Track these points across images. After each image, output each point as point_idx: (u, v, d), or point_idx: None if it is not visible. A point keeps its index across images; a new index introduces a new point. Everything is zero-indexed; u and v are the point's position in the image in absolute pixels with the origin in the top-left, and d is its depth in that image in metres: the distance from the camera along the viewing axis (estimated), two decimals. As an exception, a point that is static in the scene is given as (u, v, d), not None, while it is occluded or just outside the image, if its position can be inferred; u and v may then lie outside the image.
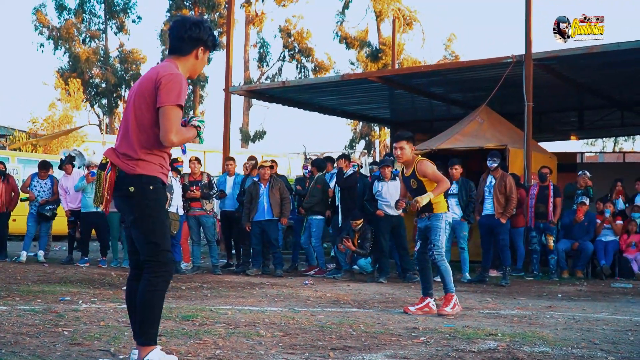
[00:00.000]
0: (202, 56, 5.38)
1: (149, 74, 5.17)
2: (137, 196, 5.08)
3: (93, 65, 51.55)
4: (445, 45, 52.94)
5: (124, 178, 5.09)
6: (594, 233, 15.47)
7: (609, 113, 24.16)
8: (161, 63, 5.34)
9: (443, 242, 9.22)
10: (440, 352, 6.21)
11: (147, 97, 5.05)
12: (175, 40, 5.32)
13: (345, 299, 10.61)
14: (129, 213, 5.18)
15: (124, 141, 5.14)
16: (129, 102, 5.25)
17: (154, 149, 5.12)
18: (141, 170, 5.08)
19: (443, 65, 27.16)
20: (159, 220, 5.15)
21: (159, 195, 5.19)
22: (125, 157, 5.09)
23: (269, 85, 30.43)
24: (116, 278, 12.74)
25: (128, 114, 5.17)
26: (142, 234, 5.13)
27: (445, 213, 9.27)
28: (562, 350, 6.43)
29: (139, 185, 5.07)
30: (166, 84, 4.99)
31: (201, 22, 5.32)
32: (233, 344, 6.32)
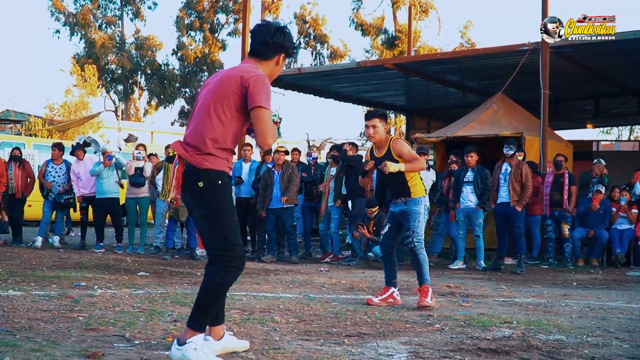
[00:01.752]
0: (281, 63, 5.44)
1: (231, 73, 5.17)
2: (207, 191, 5.08)
3: (109, 51, 51.64)
4: (462, 32, 52.72)
5: (192, 172, 5.09)
6: (610, 221, 15.44)
7: (625, 101, 24.05)
8: (242, 63, 5.36)
9: (422, 228, 8.55)
10: (455, 340, 6.22)
11: (231, 96, 5.06)
12: (259, 44, 5.33)
13: (360, 286, 10.62)
14: (197, 208, 5.19)
15: (194, 134, 5.14)
16: (203, 97, 5.24)
17: (227, 145, 5.14)
18: (209, 165, 5.07)
19: (459, 53, 27.05)
20: (228, 214, 5.14)
21: (226, 189, 5.18)
22: (195, 150, 5.10)
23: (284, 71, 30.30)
24: (131, 264, 12.78)
25: (201, 109, 5.18)
26: (212, 229, 5.12)
27: (424, 197, 8.58)
28: (577, 339, 6.42)
29: (207, 180, 5.07)
30: (255, 85, 5.01)
31: (284, 29, 5.35)
32: (248, 330, 6.34)
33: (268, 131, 4.99)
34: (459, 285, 11.02)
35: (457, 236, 14.64)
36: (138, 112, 54.50)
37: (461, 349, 5.83)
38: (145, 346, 5.54)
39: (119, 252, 15.12)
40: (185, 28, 53.25)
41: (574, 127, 30.34)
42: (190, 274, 11.53)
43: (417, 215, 8.46)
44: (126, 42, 53.96)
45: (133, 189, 15.65)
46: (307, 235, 16.31)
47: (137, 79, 53.68)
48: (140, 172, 15.51)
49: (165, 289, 9.30)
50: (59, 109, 37.26)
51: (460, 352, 5.72)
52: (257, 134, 5.02)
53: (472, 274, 13.33)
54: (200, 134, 5.09)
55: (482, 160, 15.28)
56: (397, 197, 8.63)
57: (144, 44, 52.97)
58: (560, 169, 15.09)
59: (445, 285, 10.89)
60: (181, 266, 12.91)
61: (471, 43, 51.22)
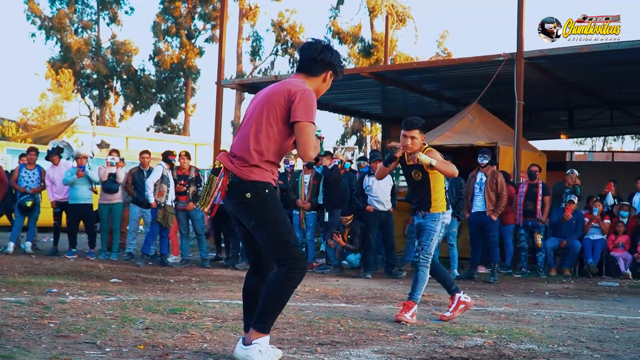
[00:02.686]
0: (329, 80, 5.54)
1: (279, 88, 5.28)
2: (256, 202, 5.21)
3: (84, 56, 51.36)
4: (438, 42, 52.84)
5: (238, 184, 5.22)
6: (582, 231, 15.53)
7: (598, 112, 24.21)
8: (290, 78, 5.45)
9: (433, 247, 8.25)
10: (427, 348, 6.23)
11: (279, 110, 5.18)
12: (307, 60, 5.46)
13: (333, 294, 10.62)
14: (247, 219, 5.30)
15: (241, 147, 5.26)
16: (253, 110, 5.36)
17: (272, 158, 5.27)
18: (255, 177, 5.20)
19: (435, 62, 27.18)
20: (281, 219, 5.27)
21: (274, 196, 5.30)
22: (241, 162, 5.23)
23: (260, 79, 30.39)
24: (104, 270, 12.72)
25: (249, 121, 5.31)
26: (269, 237, 5.24)
27: (443, 213, 8.27)
28: (548, 348, 6.46)
29: (255, 190, 5.19)
30: (301, 99, 5.13)
31: (332, 47, 5.49)
32: (220, 338, 6.33)
33: (310, 144, 5.11)
34: (432, 294, 11.03)
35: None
36: (113, 118, 54.23)
37: (433, 358, 5.84)
38: (117, 353, 5.52)
39: (91, 259, 15.04)
40: (162, 33, 53.05)
41: (548, 137, 30.54)
42: (163, 281, 11.50)
43: (432, 233, 8.21)
44: (102, 46, 53.69)
45: (106, 195, 15.58)
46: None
47: (113, 84, 53.41)
48: (114, 178, 15.44)
49: (137, 296, 9.27)
50: (33, 113, 37.04)
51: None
52: (299, 146, 5.13)
53: (445, 282, 13.34)
54: (247, 146, 5.23)
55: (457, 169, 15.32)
56: (418, 209, 8.42)
57: (120, 49, 52.72)
58: (534, 179, 15.17)
59: (419, 294, 10.90)
60: (154, 273, 12.87)
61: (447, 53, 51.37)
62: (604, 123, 25.87)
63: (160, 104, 55.36)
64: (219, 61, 21.58)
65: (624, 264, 15.27)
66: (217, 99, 21.30)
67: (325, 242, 15.02)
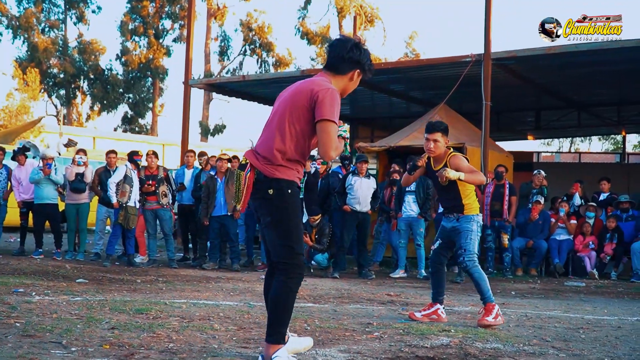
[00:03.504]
0: (356, 79, 5.49)
1: (303, 87, 5.26)
2: (276, 199, 5.22)
3: (51, 55, 51.04)
4: (407, 43, 53.13)
5: (263, 181, 5.23)
6: (549, 232, 15.64)
7: (566, 114, 24.40)
8: (316, 76, 5.41)
9: (475, 246, 8.10)
10: (393, 348, 6.24)
11: (301, 109, 5.17)
12: (335, 58, 5.41)
13: (300, 294, 10.58)
14: (265, 215, 5.31)
15: (267, 146, 5.27)
16: (277, 108, 5.36)
17: (296, 157, 5.27)
18: (280, 175, 5.21)
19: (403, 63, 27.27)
20: (294, 223, 5.28)
21: (295, 198, 5.30)
22: (266, 161, 5.24)
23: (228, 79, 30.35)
24: (70, 270, 12.63)
25: (274, 121, 5.31)
26: (278, 237, 5.26)
27: (477, 215, 8.17)
28: (513, 347, 6.49)
29: (277, 188, 5.21)
30: (324, 98, 5.10)
31: (361, 45, 5.46)
32: (187, 338, 6.31)
33: (331, 143, 5.08)
34: (399, 293, 11.08)
35: (398, 245, 14.72)
36: (80, 117, 53.93)
37: (399, 357, 5.85)
38: (83, 353, 5.49)
39: (58, 259, 14.93)
40: (129, 33, 52.84)
41: (515, 138, 30.77)
42: (130, 281, 11.44)
43: (470, 233, 8.07)
44: (69, 46, 53.38)
45: (73, 195, 15.46)
46: (250, 243, 16.27)
47: (80, 83, 53.11)
48: (81, 178, 15.34)
49: (103, 296, 9.22)
50: (0, 112, 36.78)
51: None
52: (320, 145, 5.12)
53: (412, 282, 13.41)
54: (270, 145, 5.24)
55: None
56: (449, 212, 8.26)
57: (87, 49, 52.43)
58: (501, 180, 15.25)
59: (386, 294, 10.94)
60: (121, 273, 12.80)
61: (416, 53, 51.63)
62: (571, 124, 26.10)
63: (128, 103, 55.14)
64: (187, 61, 21.54)
65: (590, 264, 15.38)
66: (184, 98, 21.24)
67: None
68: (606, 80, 20.20)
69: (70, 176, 15.37)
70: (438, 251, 8.40)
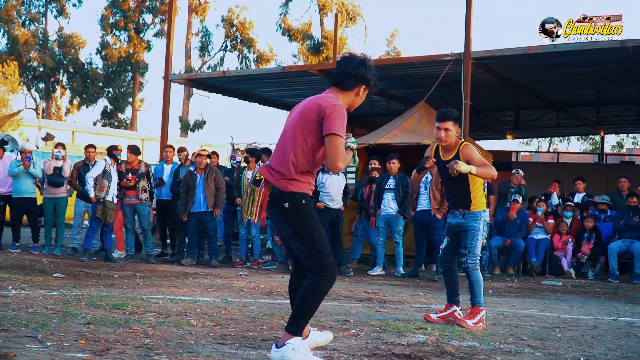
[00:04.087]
0: (362, 94, 5.80)
1: (312, 104, 5.59)
2: (293, 211, 5.51)
3: (31, 48, 50.71)
4: (388, 41, 53.08)
5: (277, 195, 5.53)
6: (526, 231, 15.69)
7: (545, 113, 24.51)
8: (323, 94, 5.71)
9: (479, 247, 7.98)
10: (370, 345, 6.26)
11: (311, 124, 5.49)
12: (342, 75, 5.72)
13: (278, 290, 10.61)
14: (285, 226, 5.62)
15: (280, 161, 5.59)
16: (289, 125, 5.69)
17: (307, 169, 5.58)
18: (293, 188, 5.52)
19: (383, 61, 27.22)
20: (316, 229, 5.56)
21: (310, 207, 5.61)
22: (280, 175, 5.54)
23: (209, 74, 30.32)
24: (47, 265, 12.58)
25: (287, 137, 5.63)
26: (304, 245, 5.56)
27: (484, 212, 8.01)
28: (489, 345, 6.52)
29: (292, 200, 5.51)
30: (330, 114, 5.41)
31: (367, 62, 5.74)
32: (163, 333, 6.30)
33: (338, 156, 5.37)
34: (377, 291, 11.10)
35: (376, 242, 14.73)
36: (60, 111, 53.59)
37: (375, 354, 5.87)
38: (58, 348, 5.49)
39: (35, 253, 14.85)
40: (109, 27, 52.56)
41: (495, 137, 30.85)
42: (107, 276, 11.41)
43: (475, 233, 7.92)
44: (49, 39, 53.06)
45: (51, 189, 15.38)
46: (228, 239, 16.24)
47: (59, 77, 52.80)
48: (59, 172, 15.25)
49: (80, 291, 9.19)
50: (-22, 105, 36.53)
51: (374, 358, 5.76)
52: (328, 158, 5.43)
53: (390, 280, 13.42)
54: (284, 160, 5.56)
55: (404, 168, 15.41)
56: (455, 207, 8.05)
57: (67, 42, 52.10)
58: (480, 179, 15.26)
59: (364, 291, 10.95)
60: (98, 268, 12.77)
61: (397, 52, 51.60)
62: (550, 124, 26.23)
63: (108, 98, 54.86)
64: (167, 56, 21.46)
65: (567, 263, 15.45)
66: (164, 93, 21.16)
67: (271, 239, 14.99)
68: (585, 81, 20.32)
69: (49, 170, 15.29)
70: (447, 250, 8.22)
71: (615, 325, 8.51)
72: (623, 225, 15.28)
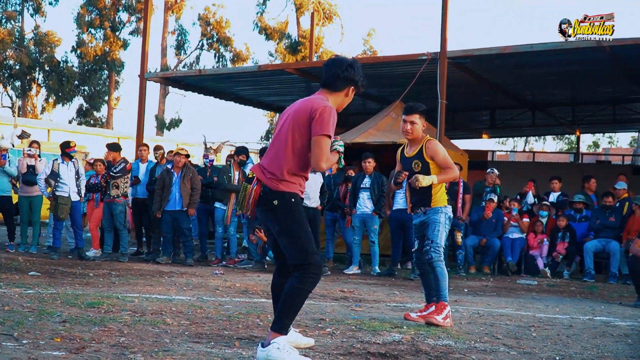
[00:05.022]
0: (351, 94, 6.06)
1: (304, 105, 5.76)
2: (281, 209, 5.69)
3: (7, 46, 50.38)
4: (365, 40, 53.17)
5: (268, 193, 5.69)
6: (502, 230, 15.76)
7: (520, 113, 24.65)
8: (314, 95, 5.91)
9: (443, 239, 7.89)
10: (346, 344, 6.27)
11: (302, 126, 5.67)
12: (331, 77, 5.93)
13: (254, 289, 10.61)
14: (273, 224, 5.80)
15: (273, 162, 5.75)
16: (282, 126, 5.85)
17: (298, 172, 5.75)
18: (284, 188, 5.68)
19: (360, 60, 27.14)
20: (302, 227, 5.73)
21: (299, 206, 5.78)
22: (272, 175, 5.70)
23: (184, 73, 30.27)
24: (23, 263, 12.52)
25: (280, 138, 5.79)
26: (290, 242, 5.72)
27: (445, 207, 7.99)
28: (465, 344, 6.55)
29: (282, 199, 5.68)
30: (321, 115, 5.61)
31: (355, 64, 6.01)
32: (138, 332, 6.29)
33: (322, 156, 5.58)
34: (353, 290, 11.12)
35: (352, 241, 14.75)
36: (35, 109, 53.28)
37: (350, 353, 5.89)
38: (34, 346, 5.48)
39: (10, 251, 14.78)
40: (85, 25, 52.27)
41: (471, 137, 30.97)
42: (82, 275, 11.37)
43: (437, 225, 7.88)
44: (25, 37, 52.72)
45: (26, 187, 15.30)
46: (203, 238, 16.22)
47: (35, 75, 52.47)
48: (33, 170, 15.18)
49: (56, 289, 9.17)
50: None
51: (349, 356, 5.78)
52: (312, 158, 5.61)
53: (366, 279, 13.44)
54: (276, 162, 5.72)
55: (380, 167, 15.44)
56: (417, 206, 8.07)
57: (43, 40, 51.77)
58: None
59: (339, 290, 10.97)
60: (73, 266, 12.72)
61: (373, 51, 51.68)
62: (526, 123, 26.39)
63: (83, 96, 54.56)
64: (143, 54, 21.38)
65: (542, 262, 15.54)
66: (140, 92, 21.08)
67: (247, 238, 14.98)
68: (561, 81, 20.44)
69: (22, 168, 15.22)
70: (419, 251, 8.10)
71: (590, 324, 8.56)
72: (599, 225, 15.37)
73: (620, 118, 25.54)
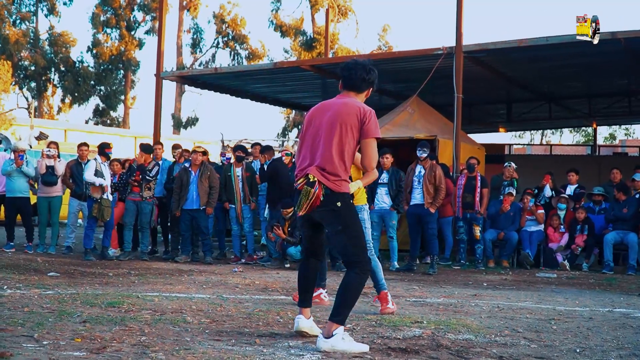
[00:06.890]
0: (368, 94, 6.45)
1: (350, 108, 6.09)
2: (344, 209, 6.00)
3: (23, 47, 50.56)
4: (380, 35, 53.08)
5: (330, 195, 5.95)
6: (519, 223, 15.70)
7: (537, 106, 24.55)
8: (348, 98, 6.27)
9: (368, 234, 8.14)
10: (366, 339, 6.27)
11: (354, 128, 6.02)
12: (358, 80, 6.30)
13: (273, 286, 10.62)
14: (335, 224, 6.04)
15: (328, 163, 6.01)
16: (324, 126, 6.12)
17: (349, 170, 6.16)
18: (344, 189, 6.03)
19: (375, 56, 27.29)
20: (360, 226, 6.17)
21: (354, 206, 6.33)
22: (334, 176, 5.98)
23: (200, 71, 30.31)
24: (42, 264, 12.57)
25: (330, 138, 6.04)
26: (349, 240, 6.00)
27: (365, 204, 8.57)
28: (485, 338, 6.53)
29: (344, 200, 6.01)
30: (371, 118, 6.02)
31: (374, 68, 6.39)
32: (159, 331, 6.30)
33: (375, 157, 6.08)
34: (371, 285, 11.09)
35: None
36: (52, 110, 53.48)
37: (371, 349, 5.88)
38: (54, 347, 5.48)
39: (29, 252, 14.83)
40: (101, 25, 52.44)
41: (487, 130, 30.88)
42: (102, 275, 11.40)
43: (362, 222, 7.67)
44: (40, 38, 52.91)
45: (45, 188, 15.35)
46: (221, 236, 16.24)
47: (51, 75, 52.67)
48: (52, 171, 15.22)
49: (75, 290, 9.19)
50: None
51: (370, 352, 5.77)
52: (366, 158, 6.04)
53: (385, 274, 13.31)
54: (334, 163, 6.00)
55: (397, 162, 15.42)
56: None
57: (58, 41, 51.94)
58: (473, 172, 15.29)
59: (359, 286, 10.92)
60: (93, 266, 12.75)
61: (389, 46, 51.61)
62: (542, 117, 26.28)
63: (99, 96, 54.77)
64: (158, 53, 21.43)
65: (562, 255, 15.47)
66: (156, 91, 21.13)
67: (265, 235, 14.98)
68: (577, 73, 20.36)
69: (42, 169, 15.26)
70: None
71: (610, 316, 8.53)
72: (612, 216, 15.30)
73: (636, 110, 25.39)
